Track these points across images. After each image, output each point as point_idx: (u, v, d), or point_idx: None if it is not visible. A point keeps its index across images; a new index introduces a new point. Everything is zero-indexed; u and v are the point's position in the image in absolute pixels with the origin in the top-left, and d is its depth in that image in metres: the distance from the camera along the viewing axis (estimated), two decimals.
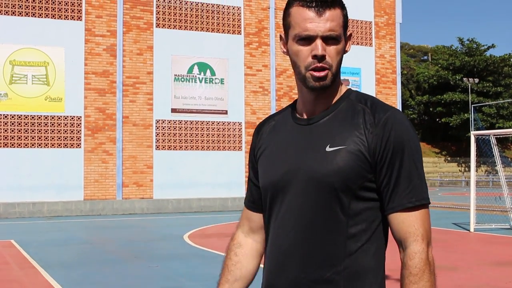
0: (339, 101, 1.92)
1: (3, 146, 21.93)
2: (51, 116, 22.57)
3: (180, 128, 24.39)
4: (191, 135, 24.52)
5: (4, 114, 21.99)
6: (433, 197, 32.64)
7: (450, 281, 9.13)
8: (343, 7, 1.88)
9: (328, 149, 1.83)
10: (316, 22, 1.82)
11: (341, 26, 1.85)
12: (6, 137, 21.98)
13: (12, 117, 22.12)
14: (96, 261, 11.39)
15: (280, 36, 2.02)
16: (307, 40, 1.85)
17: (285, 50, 1.99)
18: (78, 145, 22.88)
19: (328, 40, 1.83)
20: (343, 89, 1.95)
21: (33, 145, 22.24)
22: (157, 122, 24.09)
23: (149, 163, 23.85)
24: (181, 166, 24.21)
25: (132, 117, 23.72)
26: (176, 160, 24.18)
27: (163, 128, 24.16)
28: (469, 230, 16.20)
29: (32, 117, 22.33)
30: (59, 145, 22.58)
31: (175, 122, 24.35)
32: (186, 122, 24.48)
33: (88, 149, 22.99)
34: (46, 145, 22.41)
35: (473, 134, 17.04)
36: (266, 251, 2.01)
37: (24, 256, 11.88)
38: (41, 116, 22.45)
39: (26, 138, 22.20)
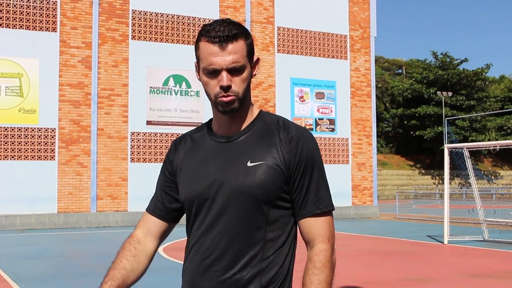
0: (254, 121, 2.16)
1: None
2: (24, 128, 22.35)
3: (155, 141, 24.30)
4: (167, 147, 24.42)
5: None
6: (407, 209, 32.87)
7: None
8: (247, 37, 2.08)
9: (249, 164, 2.06)
10: (220, 56, 2.02)
11: (244, 56, 2.06)
12: None
13: None
14: (69, 275, 11.27)
15: (195, 64, 2.20)
16: (214, 73, 2.05)
17: (198, 78, 2.17)
18: (52, 157, 22.66)
19: (232, 71, 2.04)
20: (255, 111, 2.19)
21: (6, 157, 21.98)
22: (132, 134, 23.98)
23: (124, 175, 23.69)
24: (156, 178, 24.01)
25: (107, 129, 23.58)
26: (151, 173, 24.04)
27: (138, 140, 24.05)
28: (443, 242, 16.33)
29: (6, 129, 22.09)
30: (32, 157, 22.35)
31: (150, 135, 24.25)
32: (161, 135, 24.40)
33: (62, 161, 22.78)
34: (20, 157, 22.17)
35: (446, 147, 17.21)
36: (189, 255, 2.20)
37: None
38: (15, 128, 22.22)
39: None
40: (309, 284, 2.03)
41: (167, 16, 24.87)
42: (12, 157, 22.06)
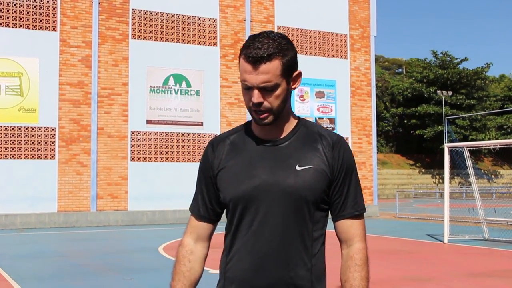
0: (296, 127, 2.31)
1: None
2: (24, 127, 22.35)
3: (155, 140, 24.30)
4: (167, 146, 24.44)
5: None
6: (407, 208, 32.87)
7: None
8: (284, 55, 2.18)
9: (298, 167, 2.20)
10: (252, 75, 2.15)
11: (278, 75, 2.16)
12: None
13: None
14: (69, 274, 11.27)
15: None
16: (248, 88, 2.19)
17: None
18: (52, 157, 22.67)
19: (264, 89, 2.16)
20: (295, 117, 2.34)
21: (6, 156, 21.99)
22: (132, 133, 23.98)
23: (124, 174, 23.69)
24: (156, 177, 24.10)
25: (107, 129, 23.58)
26: (151, 172, 24.06)
27: (138, 139, 24.05)
28: (443, 242, 16.33)
29: (6, 128, 22.09)
30: (32, 156, 22.36)
31: (150, 134, 24.25)
32: (161, 134, 24.40)
33: (62, 160, 22.78)
34: (20, 156, 22.18)
35: (446, 146, 17.21)
36: (236, 254, 2.28)
37: None
38: (15, 127, 22.22)
39: None
40: (352, 281, 2.21)
41: (167, 15, 24.86)
42: (12, 156, 22.06)
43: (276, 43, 2.17)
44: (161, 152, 24.31)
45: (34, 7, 22.74)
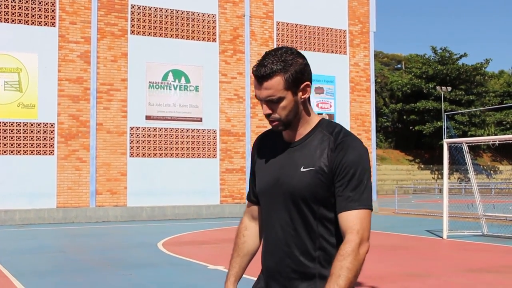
0: (313, 130, 2.53)
1: None
2: (23, 122, 22.34)
3: (154, 136, 24.29)
4: (166, 142, 24.43)
5: None
6: (406, 204, 32.90)
7: (423, 287, 9.20)
8: (286, 71, 2.42)
9: (302, 169, 2.44)
10: (259, 90, 2.46)
11: (281, 89, 2.42)
12: None
13: None
14: (69, 270, 11.27)
15: None
16: (259, 100, 2.50)
17: None
18: (51, 152, 22.66)
19: (271, 102, 2.44)
20: (315, 119, 2.56)
21: (5, 152, 21.97)
22: (131, 129, 23.96)
23: (123, 170, 23.69)
24: (156, 173, 24.10)
25: (106, 124, 23.57)
26: (150, 168, 24.06)
27: (137, 135, 24.04)
28: (442, 237, 16.35)
29: (5, 124, 22.07)
30: (31, 152, 22.35)
31: (149, 129, 24.23)
32: (160, 129, 24.38)
33: (61, 156, 22.78)
34: (19, 152, 22.17)
35: (445, 142, 17.21)
36: (263, 239, 2.69)
37: None
38: (14, 122, 22.20)
39: None
40: (332, 269, 2.33)
41: (166, 10, 24.83)
42: (11, 152, 22.05)
43: (280, 60, 2.43)
44: (160, 148, 24.31)
45: (33, 2, 22.70)
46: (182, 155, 24.60)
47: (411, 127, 66.98)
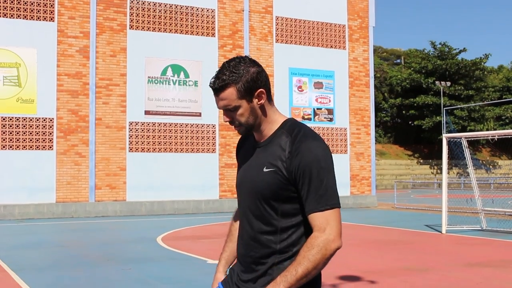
0: (276, 131, 2.67)
1: None
2: (22, 117, 22.33)
3: (153, 130, 24.28)
4: (165, 137, 24.43)
5: None
6: (405, 199, 32.94)
7: (422, 282, 9.22)
8: (237, 82, 2.58)
9: (265, 170, 2.59)
10: (216, 101, 2.64)
11: (235, 99, 2.59)
12: None
13: None
14: (68, 264, 11.29)
15: None
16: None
17: None
18: (50, 147, 22.66)
19: (229, 110, 2.62)
20: (280, 121, 2.70)
21: (4, 146, 21.97)
22: (131, 124, 23.96)
23: (122, 165, 23.70)
24: (155, 168, 24.11)
25: (105, 119, 23.56)
26: (150, 162, 24.07)
27: (137, 130, 24.04)
28: (441, 232, 16.38)
29: (4, 119, 22.06)
30: (30, 147, 22.35)
31: (148, 124, 24.22)
32: (159, 124, 24.37)
33: (61, 151, 22.77)
34: (18, 147, 22.17)
35: (445, 136, 17.21)
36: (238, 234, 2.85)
37: None
38: (13, 117, 22.20)
39: None
40: (296, 257, 2.49)
41: (165, 5, 24.79)
42: (10, 146, 22.05)
43: (232, 72, 2.58)
44: (159, 143, 24.31)
45: None
46: (182, 150, 24.60)
47: (410, 122, 66.99)
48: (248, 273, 2.69)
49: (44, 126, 22.60)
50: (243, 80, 2.59)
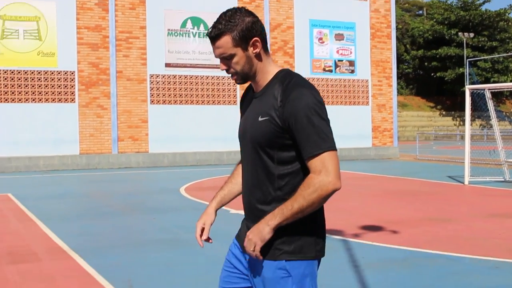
0: (270, 81, 2.73)
1: None
2: (44, 71, 22.42)
3: (174, 83, 24.29)
4: (186, 89, 24.44)
5: None
6: (427, 150, 32.80)
7: (444, 232, 9.24)
8: (232, 30, 2.66)
9: (260, 119, 2.66)
10: (213, 49, 2.73)
11: (230, 47, 2.67)
12: None
13: (5, 72, 21.96)
14: (93, 214, 11.46)
15: None
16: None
17: None
18: (73, 100, 22.79)
19: (225, 58, 2.71)
20: (274, 71, 2.75)
21: (27, 100, 22.14)
22: (151, 76, 23.97)
23: (144, 117, 23.80)
24: (177, 120, 24.19)
25: (126, 72, 23.58)
26: (171, 114, 24.14)
27: (157, 82, 24.05)
28: (463, 183, 16.33)
29: (25, 72, 22.18)
30: (53, 99, 22.49)
31: (169, 77, 24.22)
32: (180, 77, 24.36)
33: (83, 103, 22.91)
34: (41, 100, 22.32)
35: (468, 88, 17.02)
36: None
37: (22, 209, 11.95)
38: (34, 71, 22.29)
39: (20, 93, 22.08)
40: (293, 195, 2.58)
41: None
42: (33, 100, 22.21)
43: (227, 21, 2.65)
44: (180, 95, 24.33)
45: None
46: (202, 102, 24.62)
47: (432, 74, 66.28)
48: (252, 221, 2.73)
49: (65, 79, 22.69)
50: (238, 29, 2.66)
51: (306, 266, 2.65)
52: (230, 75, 2.77)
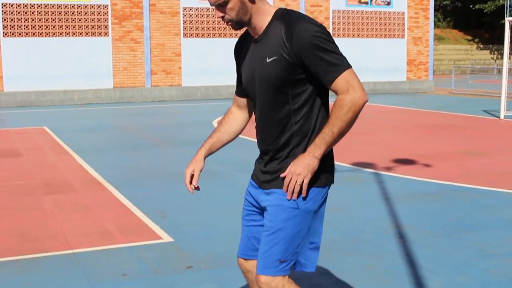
0: (270, 22, 2.76)
1: (32, 35, 21.95)
2: (77, 4, 22.38)
3: (207, 16, 24.08)
4: (219, 22, 24.23)
5: (30, 4, 21.84)
6: (463, 84, 32.28)
7: (478, 166, 9.18)
8: None
9: (268, 60, 2.72)
10: None
11: None
12: (34, 27, 21.94)
13: (39, 6, 21.98)
14: (127, 146, 11.63)
15: None
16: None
17: None
18: (106, 34, 22.80)
19: (220, 6, 2.71)
20: (271, 11, 2.78)
21: (61, 33, 22.21)
22: (184, 9, 23.78)
23: (177, 50, 23.75)
24: (209, 53, 24.09)
25: (159, 5, 23.43)
26: (204, 48, 24.04)
27: (191, 15, 23.88)
28: (499, 117, 16.10)
29: (59, 6, 22.17)
30: (87, 33, 22.53)
31: (202, 10, 24.01)
32: (213, 10, 24.11)
33: (116, 37, 22.91)
34: (74, 33, 22.37)
35: (508, 20, 16.57)
36: (256, 128, 2.94)
37: (58, 142, 12.16)
38: (68, 5, 22.27)
39: (53, 27, 22.14)
40: (328, 119, 2.66)
41: None
42: (67, 34, 22.28)
43: None
44: (213, 28, 24.16)
45: None
46: (236, 34, 24.44)
47: (471, 6, 64.52)
48: (272, 162, 2.83)
49: (99, 13, 22.65)
50: None
51: (325, 193, 2.81)
52: (225, 21, 2.77)
